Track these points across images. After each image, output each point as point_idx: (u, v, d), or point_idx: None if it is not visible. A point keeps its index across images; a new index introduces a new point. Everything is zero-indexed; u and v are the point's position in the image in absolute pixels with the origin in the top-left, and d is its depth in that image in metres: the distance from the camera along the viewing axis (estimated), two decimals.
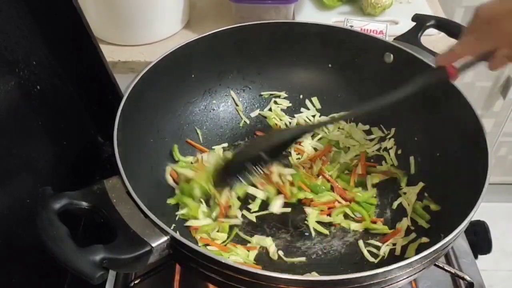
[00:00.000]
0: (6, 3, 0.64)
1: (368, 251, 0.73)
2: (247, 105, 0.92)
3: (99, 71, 0.81)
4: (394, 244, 0.73)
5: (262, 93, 0.92)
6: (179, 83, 0.83)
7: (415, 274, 0.59)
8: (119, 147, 0.64)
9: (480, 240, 0.84)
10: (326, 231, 0.76)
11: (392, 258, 0.72)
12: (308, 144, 0.87)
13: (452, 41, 0.99)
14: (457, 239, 0.61)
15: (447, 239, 0.57)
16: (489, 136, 0.67)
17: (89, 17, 0.76)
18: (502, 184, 1.84)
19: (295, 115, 0.91)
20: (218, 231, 0.74)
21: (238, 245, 0.73)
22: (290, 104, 0.92)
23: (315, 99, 0.92)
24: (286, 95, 0.92)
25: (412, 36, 0.85)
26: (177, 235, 0.56)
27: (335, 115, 0.88)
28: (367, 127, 0.89)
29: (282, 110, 0.92)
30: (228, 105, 0.90)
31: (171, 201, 0.76)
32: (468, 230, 0.83)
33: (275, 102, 0.92)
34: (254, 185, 0.78)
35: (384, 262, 0.71)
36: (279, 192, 0.79)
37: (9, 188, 0.63)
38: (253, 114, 0.91)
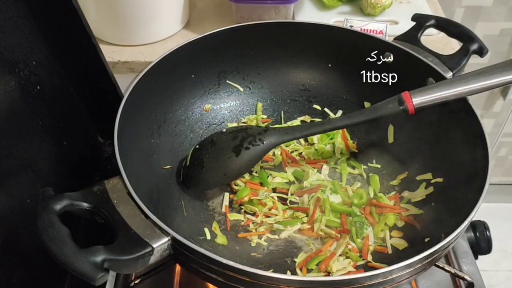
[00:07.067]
0: (6, 3, 0.64)
1: None
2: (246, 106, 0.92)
3: (99, 71, 0.81)
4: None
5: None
6: (179, 83, 0.83)
7: (415, 274, 0.59)
8: (119, 147, 0.64)
9: (480, 240, 0.84)
10: None
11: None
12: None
13: (452, 41, 1.00)
14: (457, 239, 0.61)
15: (447, 239, 0.57)
16: (489, 137, 0.67)
17: (89, 17, 0.76)
18: (502, 185, 1.84)
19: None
20: None
21: None
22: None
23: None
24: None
25: (412, 36, 0.84)
26: (178, 236, 0.56)
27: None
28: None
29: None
30: (228, 105, 0.90)
31: None
32: (468, 230, 0.84)
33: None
34: None
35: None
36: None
37: (9, 188, 0.63)
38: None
